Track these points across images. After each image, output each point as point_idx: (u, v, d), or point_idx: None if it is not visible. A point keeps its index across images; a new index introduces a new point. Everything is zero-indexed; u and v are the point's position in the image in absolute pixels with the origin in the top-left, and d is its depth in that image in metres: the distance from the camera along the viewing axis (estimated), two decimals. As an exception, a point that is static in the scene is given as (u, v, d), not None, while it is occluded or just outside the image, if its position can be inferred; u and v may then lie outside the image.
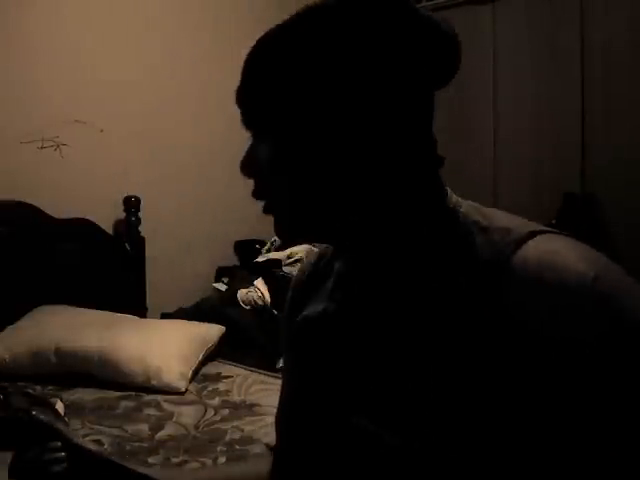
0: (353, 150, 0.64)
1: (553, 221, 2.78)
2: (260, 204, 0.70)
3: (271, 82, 0.66)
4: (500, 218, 0.65)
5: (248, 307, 2.91)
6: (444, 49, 0.66)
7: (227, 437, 1.88)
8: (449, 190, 0.71)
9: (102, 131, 2.86)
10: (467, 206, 0.69)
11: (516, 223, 0.64)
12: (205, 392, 2.27)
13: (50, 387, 2.22)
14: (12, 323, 2.42)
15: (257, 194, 0.70)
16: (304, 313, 0.78)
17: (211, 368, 2.49)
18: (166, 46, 2.98)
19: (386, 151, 0.65)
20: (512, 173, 3.03)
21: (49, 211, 2.67)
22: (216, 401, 2.18)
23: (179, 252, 3.06)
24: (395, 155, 0.65)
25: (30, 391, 2.05)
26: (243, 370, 2.47)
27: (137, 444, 1.83)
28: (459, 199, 0.71)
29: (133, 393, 2.21)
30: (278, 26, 0.67)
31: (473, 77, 3.13)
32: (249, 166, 0.69)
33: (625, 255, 2.61)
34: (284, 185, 0.67)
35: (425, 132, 0.69)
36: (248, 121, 0.69)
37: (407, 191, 0.67)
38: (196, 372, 2.39)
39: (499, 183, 3.09)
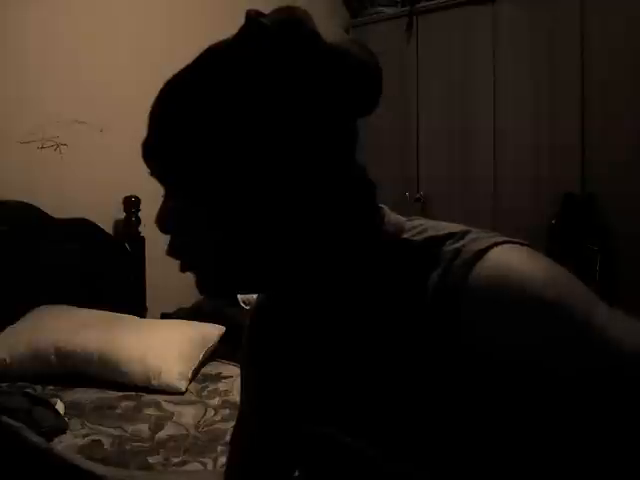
0: (273, 194, 0.60)
1: (553, 221, 2.79)
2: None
3: (176, 134, 0.61)
4: (445, 234, 0.62)
5: (248, 307, 2.91)
6: (355, 79, 0.62)
7: (227, 437, 1.88)
8: (388, 213, 0.67)
9: (102, 131, 2.86)
10: (410, 228, 0.65)
11: (466, 239, 0.60)
12: (205, 392, 2.27)
13: (50, 387, 2.22)
14: (12, 323, 2.41)
15: (173, 252, 0.65)
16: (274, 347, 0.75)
17: (211, 368, 2.49)
18: (167, 46, 2.98)
19: (308, 186, 0.61)
20: (512, 173, 3.03)
21: (49, 211, 2.67)
22: (216, 401, 2.18)
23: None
24: (319, 189, 0.61)
25: (30, 391, 2.05)
26: (243, 370, 2.46)
27: (137, 444, 1.83)
28: (401, 220, 0.67)
29: (133, 393, 2.21)
30: (181, 71, 0.63)
31: (473, 77, 3.14)
32: (166, 223, 0.64)
33: (625, 255, 2.62)
34: (204, 241, 0.63)
35: (349, 161, 0.64)
36: (158, 176, 0.64)
37: (336, 224, 0.63)
38: (196, 372, 2.39)
39: (499, 183, 3.08)
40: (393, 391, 0.61)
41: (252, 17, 0.61)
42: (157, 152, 0.63)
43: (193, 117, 0.60)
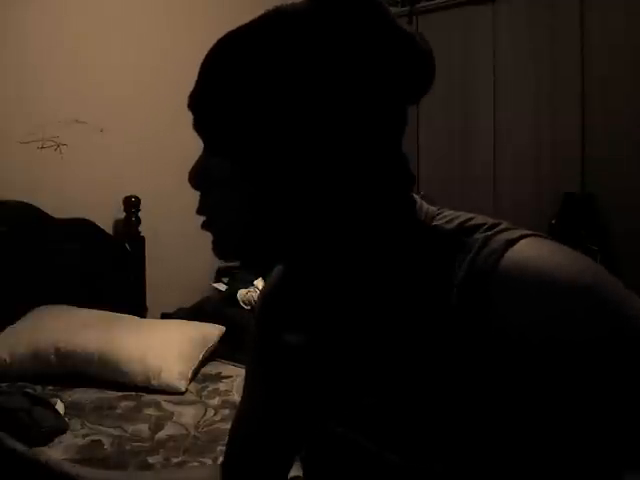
0: (316, 167, 0.59)
1: (553, 221, 2.78)
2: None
3: (230, 89, 0.60)
4: (475, 224, 0.62)
5: (248, 307, 2.91)
6: (417, 64, 0.62)
7: (227, 437, 1.88)
8: (420, 203, 0.67)
9: (102, 131, 2.86)
10: (441, 217, 0.65)
11: (496, 230, 0.60)
12: (205, 392, 2.27)
13: (50, 387, 2.22)
14: (12, 323, 2.41)
15: (202, 209, 0.64)
16: (285, 339, 0.74)
17: (211, 368, 2.49)
18: (167, 46, 2.99)
19: (352, 168, 0.60)
20: (512, 173, 3.03)
21: (49, 211, 2.67)
22: (216, 401, 2.18)
23: (179, 252, 3.06)
24: (362, 172, 0.61)
25: (30, 391, 2.05)
26: (243, 370, 2.45)
27: (137, 444, 1.83)
28: (432, 209, 0.66)
29: (133, 393, 2.21)
30: (242, 27, 0.62)
31: (473, 77, 3.14)
32: (197, 178, 0.63)
33: (625, 255, 2.62)
34: (232, 201, 0.62)
35: (395, 148, 0.64)
36: (200, 129, 0.63)
37: (372, 208, 0.62)
38: (196, 372, 2.39)
39: (499, 183, 3.09)
40: (414, 381, 0.60)
41: None
42: (203, 101, 0.62)
43: (245, 73, 0.59)
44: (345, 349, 0.66)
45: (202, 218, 0.65)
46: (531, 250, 0.57)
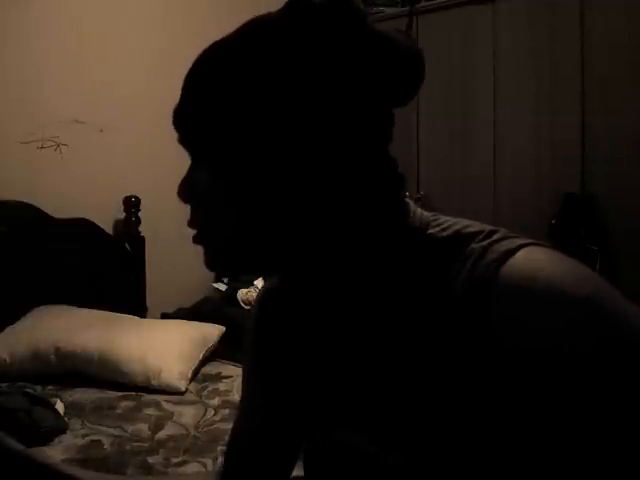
0: (302, 176, 0.59)
1: (553, 221, 2.78)
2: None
3: (213, 103, 0.60)
4: (472, 232, 0.61)
5: (248, 307, 2.91)
6: (399, 67, 0.61)
7: (227, 437, 1.88)
8: (414, 208, 0.66)
9: (102, 131, 2.86)
10: (436, 224, 0.64)
11: (493, 239, 0.59)
12: (205, 392, 2.27)
13: (50, 387, 2.22)
14: (12, 323, 2.42)
15: (192, 222, 0.64)
16: (284, 343, 0.74)
17: (211, 368, 2.49)
18: (167, 46, 2.98)
19: (339, 174, 0.59)
20: (512, 173, 3.03)
21: (49, 211, 2.67)
22: (216, 401, 2.18)
23: (179, 252, 3.05)
24: (350, 178, 0.60)
25: (30, 391, 2.05)
26: (243, 370, 2.46)
27: (137, 444, 1.83)
28: (426, 215, 0.65)
29: (133, 393, 2.21)
30: (220, 41, 0.61)
31: (473, 77, 3.14)
32: (185, 192, 0.63)
33: (625, 255, 2.62)
34: (220, 216, 0.61)
35: (382, 152, 0.63)
36: (185, 143, 0.63)
37: (363, 215, 0.61)
38: (196, 372, 2.39)
39: (499, 183, 3.08)
40: (414, 387, 0.60)
41: None
42: (186, 117, 0.62)
43: (227, 86, 0.59)
44: (344, 354, 0.66)
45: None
46: (530, 260, 0.56)
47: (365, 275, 0.63)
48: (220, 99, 0.59)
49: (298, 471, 0.83)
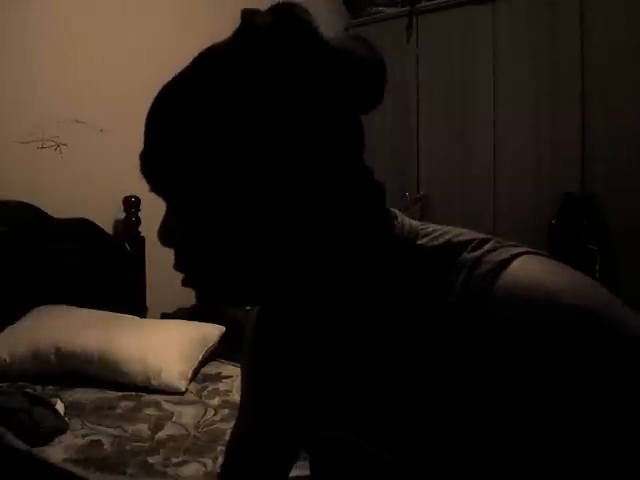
0: (276, 203, 0.57)
1: (553, 221, 2.78)
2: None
3: (169, 146, 0.58)
4: (463, 242, 0.60)
5: (248, 307, 2.90)
6: (358, 75, 0.59)
7: (227, 437, 1.88)
8: (401, 218, 0.64)
9: (102, 131, 2.86)
10: (426, 234, 0.63)
11: (485, 249, 0.58)
12: (205, 392, 2.27)
13: (50, 387, 2.22)
14: (12, 323, 2.41)
15: (177, 265, 0.63)
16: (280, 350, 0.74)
17: (211, 368, 2.49)
18: (167, 46, 2.98)
19: (314, 194, 0.58)
20: (512, 173, 3.03)
21: (49, 211, 2.67)
22: (216, 401, 2.18)
23: (179, 252, 3.06)
24: (325, 196, 0.58)
25: (30, 391, 2.05)
26: (243, 370, 2.46)
27: (137, 444, 1.83)
28: (415, 224, 0.64)
29: (133, 393, 2.21)
30: (172, 80, 0.60)
31: (473, 77, 3.14)
32: (164, 237, 0.63)
33: (625, 255, 2.62)
34: (200, 257, 0.61)
35: (355, 163, 0.61)
36: (155, 190, 0.62)
37: (345, 232, 0.60)
38: (196, 372, 2.39)
39: (499, 183, 3.08)
40: (405, 395, 0.60)
41: (246, 18, 0.59)
42: (152, 164, 0.61)
43: (186, 127, 0.57)
44: (341, 365, 0.66)
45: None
46: (527, 270, 0.56)
47: (355, 290, 0.62)
48: (179, 142, 0.58)
49: (299, 471, 0.83)
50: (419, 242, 0.62)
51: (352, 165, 0.60)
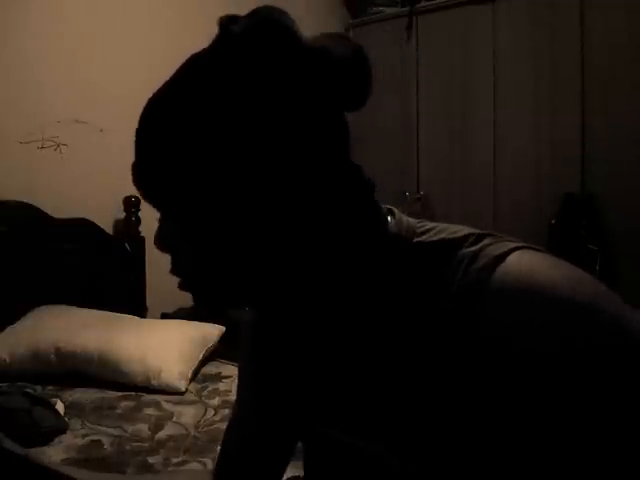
0: (265, 203, 0.58)
1: (553, 221, 2.78)
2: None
3: (159, 156, 0.60)
4: (460, 237, 0.60)
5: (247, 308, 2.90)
6: (335, 75, 0.59)
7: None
8: (399, 215, 0.65)
9: (102, 131, 2.86)
10: (423, 231, 0.63)
11: (482, 244, 0.59)
12: (205, 392, 2.27)
13: (50, 387, 2.22)
14: (12, 323, 2.41)
15: (174, 270, 0.65)
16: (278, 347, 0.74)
17: (211, 368, 2.49)
18: (167, 46, 2.98)
19: (303, 196, 0.58)
20: (512, 173, 3.03)
21: (49, 211, 2.67)
22: (216, 401, 2.18)
23: (179, 252, 3.06)
24: (314, 198, 0.59)
25: (30, 391, 2.05)
26: (243, 370, 2.46)
27: (137, 444, 1.83)
28: (412, 222, 0.65)
29: (133, 393, 2.21)
30: (157, 91, 0.61)
31: (473, 77, 3.14)
32: (160, 242, 0.64)
33: (625, 255, 2.62)
34: (198, 258, 0.62)
35: (343, 162, 0.61)
36: (149, 200, 0.63)
37: (337, 231, 0.60)
38: (196, 372, 2.39)
39: (499, 183, 3.08)
40: (404, 391, 0.60)
41: (223, 25, 0.60)
42: (146, 175, 0.62)
43: (176, 137, 0.58)
44: (340, 362, 0.66)
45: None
46: (524, 264, 0.56)
47: (352, 288, 0.62)
48: (169, 151, 0.59)
49: (298, 471, 0.83)
50: (418, 239, 0.62)
51: (338, 163, 0.61)
